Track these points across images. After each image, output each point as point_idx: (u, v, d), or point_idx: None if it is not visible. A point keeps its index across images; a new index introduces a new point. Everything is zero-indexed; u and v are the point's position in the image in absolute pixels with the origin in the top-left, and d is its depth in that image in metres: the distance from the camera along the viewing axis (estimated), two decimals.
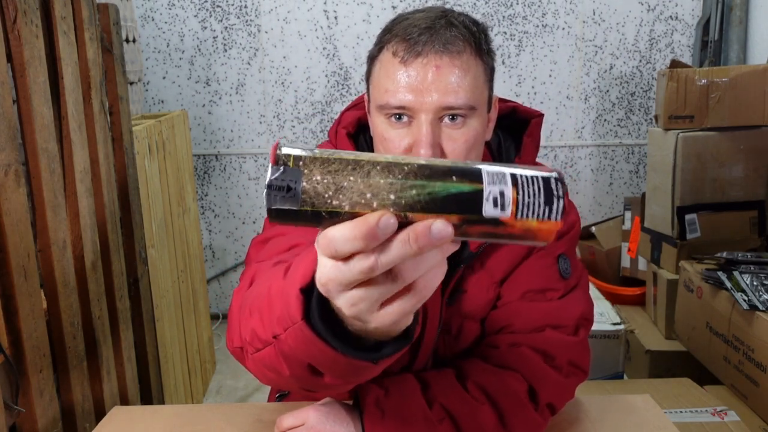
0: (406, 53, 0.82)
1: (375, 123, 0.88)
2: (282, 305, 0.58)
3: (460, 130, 0.84)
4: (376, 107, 0.86)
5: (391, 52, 0.84)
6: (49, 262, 1.23)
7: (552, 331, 0.94)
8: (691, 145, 2.21)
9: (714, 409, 1.75)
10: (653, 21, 2.94)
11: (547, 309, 0.95)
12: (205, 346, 2.58)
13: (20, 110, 1.16)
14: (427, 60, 0.81)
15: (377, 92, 0.86)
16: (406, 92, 0.82)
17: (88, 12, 1.42)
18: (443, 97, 0.81)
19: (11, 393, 1.08)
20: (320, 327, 0.54)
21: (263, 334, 0.63)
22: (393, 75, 0.83)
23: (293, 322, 0.56)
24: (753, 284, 1.82)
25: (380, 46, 0.87)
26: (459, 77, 0.82)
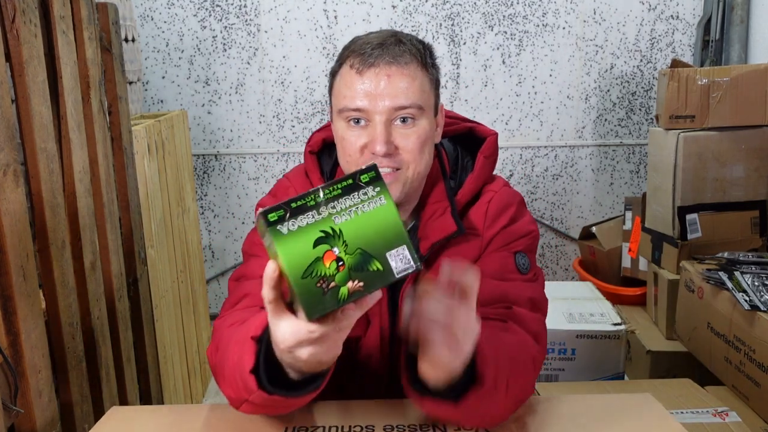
0: (362, 65, 0.95)
1: (336, 128, 1.01)
2: (242, 378, 0.82)
3: (412, 129, 0.97)
4: (337, 112, 0.99)
5: (348, 65, 0.97)
6: (47, 262, 1.22)
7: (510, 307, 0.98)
8: (692, 145, 2.20)
9: (715, 410, 1.75)
10: (654, 20, 2.93)
11: (506, 287, 1.00)
12: (205, 346, 2.58)
13: (19, 110, 1.16)
14: (379, 70, 0.95)
15: (337, 99, 0.99)
16: (362, 98, 0.95)
17: (87, 11, 1.41)
18: (394, 100, 0.95)
19: (10, 394, 1.08)
20: (270, 388, 0.80)
21: (236, 397, 0.87)
22: (351, 84, 0.96)
23: (252, 391, 0.81)
24: (754, 284, 1.82)
25: (340, 62, 1.00)
26: (407, 83, 0.95)
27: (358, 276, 0.66)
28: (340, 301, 0.65)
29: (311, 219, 0.66)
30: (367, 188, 0.68)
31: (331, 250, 0.65)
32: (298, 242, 0.65)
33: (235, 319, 0.95)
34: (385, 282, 0.67)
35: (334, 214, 0.66)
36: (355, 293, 0.66)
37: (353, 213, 0.67)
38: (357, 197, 0.67)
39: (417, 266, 0.68)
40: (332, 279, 0.65)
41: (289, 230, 0.65)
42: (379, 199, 0.68)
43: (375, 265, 0.66)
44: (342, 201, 0.67)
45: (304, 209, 0.66)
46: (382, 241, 0.67)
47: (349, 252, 0.66)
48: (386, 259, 0.67)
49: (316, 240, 0.65)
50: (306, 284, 0.65)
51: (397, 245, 0.67)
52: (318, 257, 0.65)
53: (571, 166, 3.09)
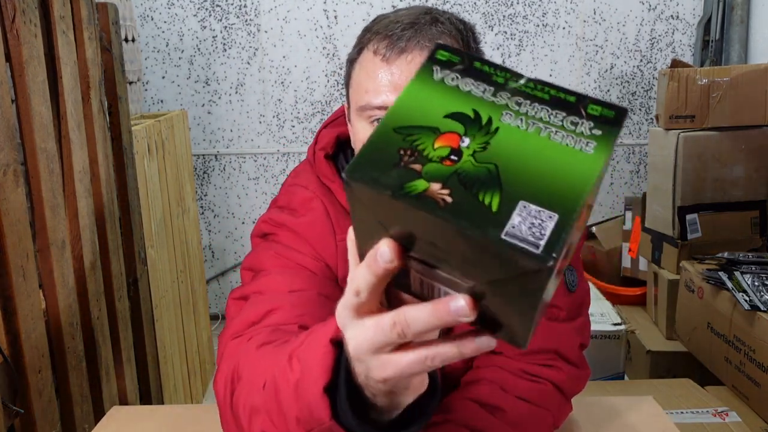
0: (389, 50, 0.76)
1: (356, 128, 0.82)
2: (300, 405, 0.55)
3: None
4: (357, 109, 0.80)
5: (371, 51, 0.78)
6: (47, 262, 1.23)
7: (559, 361, 0.89)
8: (692, 145, 2.20)
9: (715, 410, 1.75)
10: (654, 20, 2.93)
11: (552, 330, 0.88)
12: (205, 346, 2.58)
13: (19, 110, 1.16)
14: (411, 56, 0.76)
15: (357, 94, 0.80)
16: (388, 91, 0.76)
17: (87, 11, 1.41)
18: None
19: (10, 393, 1.08)
20: (354, 423, 0.51)
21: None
22: (374, 74, 0.77)
23: (321, 423, 0.52)
24: (754, 284, 1.82)
25: (359, 47, 0.82)
26: None
27: (455, 187, 0.40)
28: (401, 189, 0.40)
29: (479, 91, 0.44)
30: (585, 121, 0.42)
31: (459, 136, 0.42)
32: (435, 96, 0.44)
33: (270, 339, 0.72)
34: (478, 227, 0.38)
35: (509, 110, 0.43)
36: (428, 201, 0.40)
37: (535, 127, 0.42)
38: (560, 118, 0.43)
39: (542, 258, 0.37)
40: (423, 161, 0.41)
41: (442, 80, 0.45)
42: (589, 144, 0.41)
43: (490, 198, 0.40)
44: (536, 106, 0.43)
45: (483, 77, 0.45)
46: (536, 184, 0.40)
47: (479, 159, 0.41)
48: (513, 206, 0.39)
49: (457, 113, 0.43)
50: (388, 138, 0.43)
51: (548, 205, 0.39)
52: (435, 128, 0.43)
53: None
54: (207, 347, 2.62)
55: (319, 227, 0.87)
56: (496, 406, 0.84)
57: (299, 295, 0.80)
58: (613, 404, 1.07)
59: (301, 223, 0.87)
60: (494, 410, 0.83)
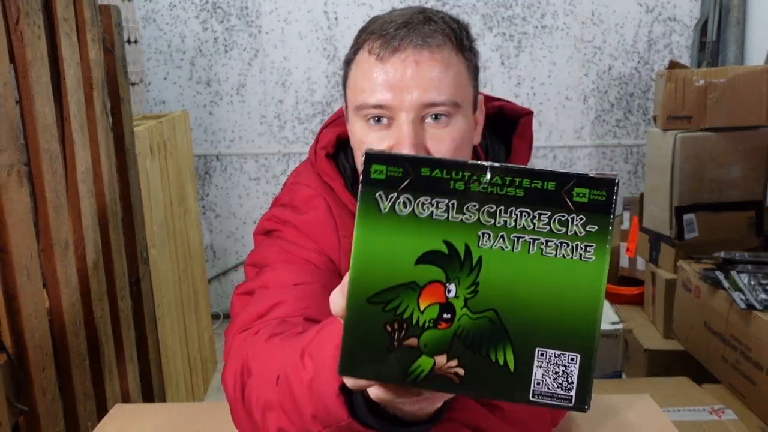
0: (383, 50, 0.77)
1: (353, 129, 0.83)
2: (316, 403, 0.55)
3: (445, 129, 0.78)
4: (353, 109, 0.81)
5: (367, 50, 0.79)
6: (51, 261, 1.24)
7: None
8: (690, 146, 2.21)
9: (712, 408, 1.76)
10: (652, 22, 2.95)
11: None
12: (206, 345, 2.59)
13: (23, 111, 1.17)
14: (405, 55, 0.76)
15: (353, 94, 0.81)
16: (384, 90, 0.76)
17: (90, 13, 1.43)
18: (424, 94, 0.76)
19: (14, 391, 1.09)
20: (371, 420, 0.51)
21: (295, 431, 0.60)
22: (369, 73, 0.78)
23: (338, 421, 0.52)
24: (750, 284, 1.83)
25: (356, 47, 0.83)
26: (440, 72, 0.76)
27: (462, 355, 0.37)
28: (408, 376, 0.37)
29: (443, 212, 0.37)
30: (575, 215, 0.36)
31: (443, 286, 0.37)
32: (394, 237, 0.37)
33: (277, 331, 0.71)
34: (503, 394, 0.37)
35: (486, 227, 0.36)
36: (441, 380, 0.36)
37: (522, 244, 0.36)
38: (547, 221, 0.36)
39: (578, 406, 0.36)
40: (416, 331, 0.37)
41: (392, 210, 0.37)
42: (586, 249, 0.36)
43: (503, 356, 0.36)
44: (515, 212, 0.36)
45: (441, 188, 0.37)
46: (543, 323, 0.36)
47: (473, 307, 0.37)
48: (531, 357, 0.36)
49: (428, 254, 0.37)
50: (367, 314, 0.37)
51: (566, 346, 0.36)
52: (414, 284, 0.37)
53: (569, 166, 3.10)
54: (208, 346, 2.63)
55: (322, 223, 0.88)
56: (496, 405, 0.85)
57: (304, 288, 0.81)
58: (611, 402, 1.07)
59: (304, 220, 0.88)
60: (494, 409, 0.84)
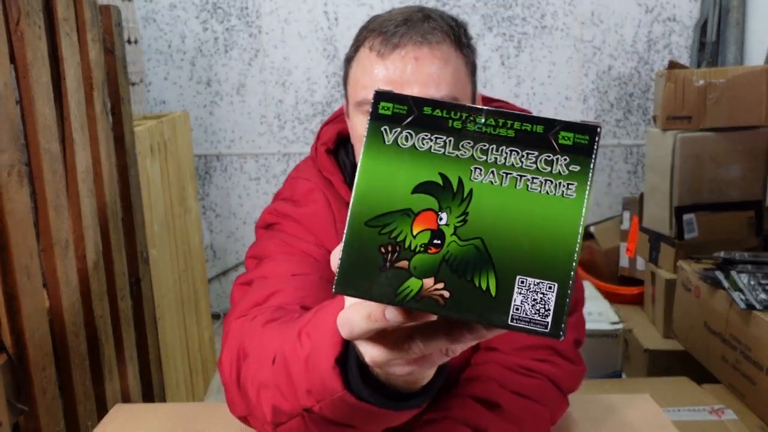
0: (383, 46, 0.79)
1: (354, 124, 0.85)
2: (311, 378, 0.56)
3: None
4: (355, 105, 0.83)
5: (367, 48, 0.82)
6: (51, 261, 1.24)
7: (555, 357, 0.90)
8: (689, 146, 2.21)
9: (711, 408, 1.76)
10: (651, 22, 2.95)
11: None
12: (207, 345, 2.60)
13: (23, 111, 1.17)
14: (405, 52, 0.78)
15: (354, 90, 0.83)
16: (384, 85, 0.78)
17: (90, 13, 1.43)
18: (424, 89, 0.77)
19: (14, 391, 1.09)
20: (365, 392, 0.53)
21: (288, 408, 0.61)
22: (370, 70, 0.80)
23: (332, 394, 0.54)
24: (750, 284, 1.83)
25: (356, 45, 0.85)
26: (439, 68, 0.78)
27: (449, 279, 0.39)
28: (397, 296, 0.40)
29: (439, 147, 0.40)
30: (560, 156, 0.39)
31: (435, 214, 0.40)
32: (394, 167, 0.40)
33: (274, 317, 0.73)
34: (484, 317, 0.39)
35: (477, 163, 0.40)
36: (428, 302, 0.39)
37: (510, 179, 0.39)
38: (533, 159, 0.39)
39: (553, 332, 0.39)
40: (408, 254, 0.40)
41: (395, 142, 0.40)
42: (568, 186, 0.39)
43: (486, 281, 0.39)
44: (504, 150, 0.40)
45: (438, 125, 0.40)
46: (526, 252, 0.39)
47: (462, 235, 0.39)
48: (512, 284, 0.39)
49: (424, 184, 0.40)
50: (364, 236, 0.40)
51: (545, 275, 0.39)
52: (409, 210, 0.40)
53: None
54: (209, 346, 2.63)
55: (321, 217, 0.90)
56: (494, 403, 0.85)
57: (302, 278, 0.82)
58: (611, 402, 1.07)
59: (303, 213, 0.90)
60: (492, 407, 0.85)
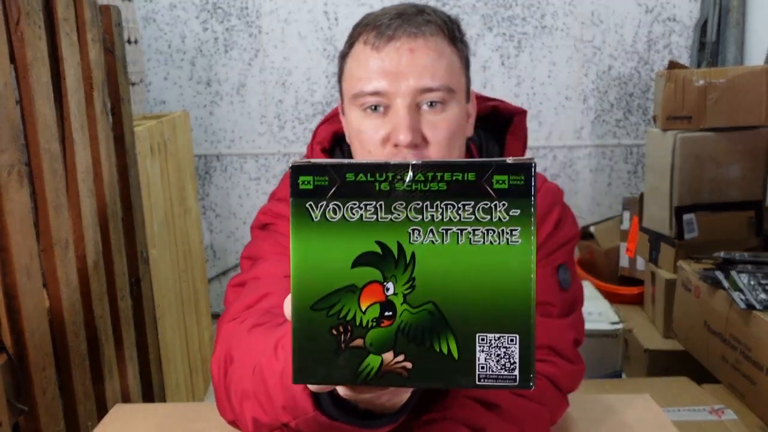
0: (378, 39, 0.80)
1: (350, 118, 0.84)
2: (286, 395, 0.57)
3: (441, 116, 0.80)
4: (350, 99, 0.83)
5: (362, 42, 0.82)
6: (51, 261, 1.24)
7: (554, 356, 0.89)
8: (689, 146, 2.21)
9: (711, 408, 1.76)
10: (651, 22, 2.95)
11: (546, 326, 0.89)
12: (207, 345, 2.59)
13: (23, 111, 1.17)
14: (400, 43, 0.79)
15: (350, 84, 0.83)
16: (380, 78, 0.79)
17: (90, 13, 1.43)
18: (419, 80, 0.78)
19: (14, 391, 1.09)
20: (335, 413, 0.53)
21: (267, 421, 0.61)
22: (365, 63, 0.80)
23: (305, 413, 0.54)
24: (750, 284, 1.83)
25: (350, 42, 0.85)
26: (434, 59, 0.79)
27: (408, 349, 0.38)
28: (358, 376, 0.38)
29: (372, 213, 0.38)
30: (497, 202, 0.38)
31: (381, 285, 0.38)
32: (329, 244, 0.38)
33: (261, 321, 0.73)
34: (451, 382, 0.38)
35: (414, 223, 0.38)
36: (391, 376, 0.38)
37: (450, 235, 0.38)
38: (472, 211, 0.38)
39: (523, 384, 0.38)
40: (361, 332, 0.39)
41: (323, 217, 0.38)
42: (512, 233, 0.37)
43: (446, 345, 0.38)
44: (440, 206, 0.38)
45: (367, 191, 0.38)
46: (481, 308, 0.38)
47: (413, 302, 0.38)
48: (472, 343, 0.38)
49: (363, 256, 0.38)
50: (312, 321, 0.39)
51: (504, 328, 0.38)
52: (353, 286, 0.38)
53: (569, 166, 3.10)
54: (209, 346, 2.63)
55: None
56: (493, 403, 0.84)
57: None
58: (611, 402, 1.07)
59: None
60: (491, 406, 0.84)
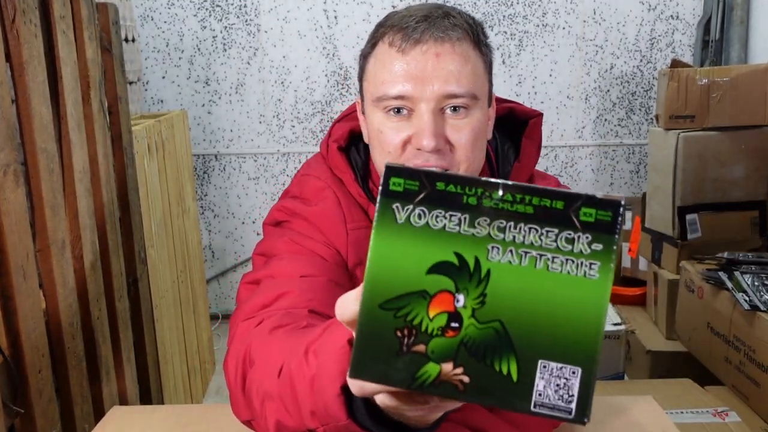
0: (404, 42, 0.79)
1: (371, 120, 0.84)
2: (315, 401, 0.56)
3: (464, 121, 0.80)
4: (373, 101, 0.82)
5: (387, 43, 0.81)
6: (48, 262, 1.23)
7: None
8: (692, 145, 2.20)
9: (715, 410, 1.75)
10: (654, 20, 2.93)
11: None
12: (205, 346, 2.58)
13: (19, 110, 1.16)
14: (426, 47, 0.78)
15: (373, 86, 0.83)
16: (405, 81, 0.78)
17: (87, 11, 1.41)
18: (445, 85, 0.78)
19: (10, 393, 1.08)
20: (369, 423, 0.52)
21: (293, 425, 0.61)
22: (390, 65, 0.80)
23: (336, 421, 0.54)
24: (754, 284, 1.82)
25: (374, 41, 0.84)
26: (460, 65, 0.79)
27: (468, 363, 0.39)
28: (415, 381, 0.39)
29: (455, 224, 0.39)
30: (582, 234, 0.38)
31: (452, 295, 0.39)
32: (408, 247, 0.39)
33: (282, 323, 0.72)
34: (505, 403, 0.38)
35: (494, 242, 0.38)
36: (447, 387, 0.39)
37: (529, 258, 0.38)
38: (553, 238, 0.38)
39: (578, 419, 0.38)
40: (425, 338, 0.39)
41: (408, 221, 0.39)
42: (590, 266, 0.38)
43: (506, 366, 0.38)
44: (523, 228, 0.38)
45: (452, 202, 0.39)
46: (548, 335, 0.38)
47: (480, 317, 0.39)
48: (533, 369, 0.38)
49: (439, 264, 0.39)
50: (379, 319, 0.39)
51: (568, 359, 0.38)
52: (425, 292, 0.39)
53: (571, 166, 3.09)
54: (207, 347, 2.62)
55: (330, 216, 0.89)
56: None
57: (310, 280, 0.81)
58: (613, 404, 1.06)
59: (313, 212, 0.89)
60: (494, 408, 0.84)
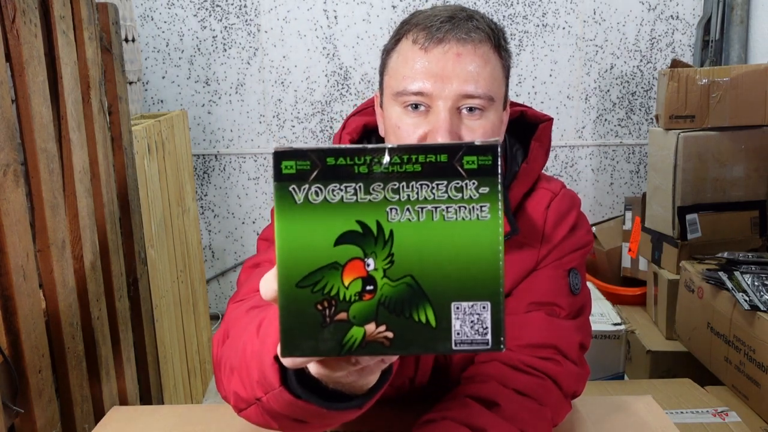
0: (427, 40, 0.82)
1: (389, 113, 0.87)
2: (259, 370, 0.62)
3: (479, 121, 0.83)
4: (392, 95, 0.85)
5: (410, 40, 0.84)
6: (48, 262, 1.23)
7: (559, 356, 0.89)
8: (692, 145, 2.20)
9: (715, 410, 1.75)
10: (654, 20, 2.93)
11: (552, 326, 0.90)
12: (205, 346, 2.58)
13: (19, 110, 1.16)
14: (448, 47, 0.81)
15: (394, 80, 0.85)
16: (425, 78, 0.81)
17: (87, 11, 1.41)
18: (463, 85, 0.80)
19: (10, 393, 1.08)
20: (299, 390, 0.57)
21: (245, 395, 0.66)
22: (412, 62, 0.83)
23: (272, 388, 0.60)
24: (754, 284, 1.82)
25: (398, 37, 0.87)
26: (479, 66, 0.82)
27: (388, 320, 0.41)
28: (343, 347, 0.41)
29: (351, 195, 0.41)
30: (468, 181, 0.40)
31: (362, 261, 0.41)
32: (312, 224, 0.40)
33: (260, 303, 0.77)
34: (429, 348, 0.42)
35: (392, 203, 0.41)
36: (374, 346, 0.41)
37: (426, 214, 0.41)
38: (445, 189, 0.40)
39: (495, 347, 0.41)
40: (344, 306, 0.41)
41: (306, 200, 0.41)
42: (481, 209, 0.40)
43: (424, 314, 0.41)
44: (416, 186, 0.40)
45: (346, 174, 0.40)
46: (455, 279, 0.41)
47: (392, 276, 0.41)
48: (448, 312, 0.41)
49: (344, 235, 0.41)
50: (298, 298, 0.41)
51: (476, 296, 0.41)
52: (336, 263, 0.41)
53: (571, 166, 3.08)
54: (207, 347, 2.62)
55: None
56: (494, 402, 0.84)
57: None
58: (613, 404, 1.06)
59: None
60: (491, 406, 0.84)
